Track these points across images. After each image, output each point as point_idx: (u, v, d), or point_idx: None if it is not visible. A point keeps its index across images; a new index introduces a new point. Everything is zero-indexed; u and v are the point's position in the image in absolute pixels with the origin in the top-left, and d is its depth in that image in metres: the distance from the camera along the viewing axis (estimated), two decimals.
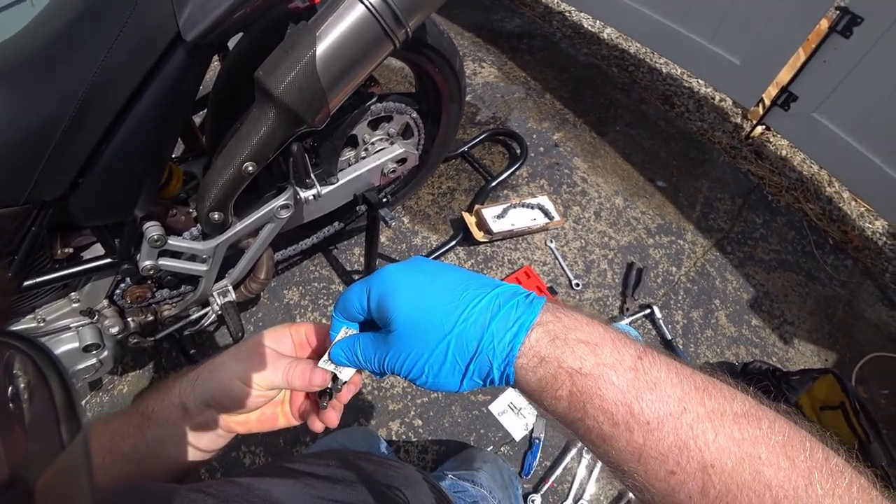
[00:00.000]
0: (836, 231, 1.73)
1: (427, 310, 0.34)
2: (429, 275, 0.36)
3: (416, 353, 0.34)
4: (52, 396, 0.20)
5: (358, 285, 0.38)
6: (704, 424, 0.28)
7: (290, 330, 0.44)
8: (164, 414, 0.42)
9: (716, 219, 1.72)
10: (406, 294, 0.35)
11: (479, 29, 2.20)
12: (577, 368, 0.31)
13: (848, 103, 1.55)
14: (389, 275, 0.37)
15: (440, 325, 0.33)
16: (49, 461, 0.18)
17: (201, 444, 0.43)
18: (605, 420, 0.30)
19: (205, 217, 0.86)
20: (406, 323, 0.34)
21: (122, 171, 0.76)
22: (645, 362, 0.30)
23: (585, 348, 0.31)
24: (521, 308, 0.33)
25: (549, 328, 0.32)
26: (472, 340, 0.33)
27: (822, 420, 1.26)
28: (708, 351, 1.44)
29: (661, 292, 1.53)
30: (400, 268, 0.37)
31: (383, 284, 0.36)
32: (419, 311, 0.34)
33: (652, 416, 0.29)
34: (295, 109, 0.77)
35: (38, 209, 0.75)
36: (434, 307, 0.34)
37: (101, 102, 0.69)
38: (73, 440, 0.19)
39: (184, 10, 0.67)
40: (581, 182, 1.74)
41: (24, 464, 0.18)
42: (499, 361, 0.32)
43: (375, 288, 0.37)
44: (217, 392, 0.41)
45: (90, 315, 0.93)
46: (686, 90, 2.11)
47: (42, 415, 0.20)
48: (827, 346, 1.50)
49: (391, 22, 0.77)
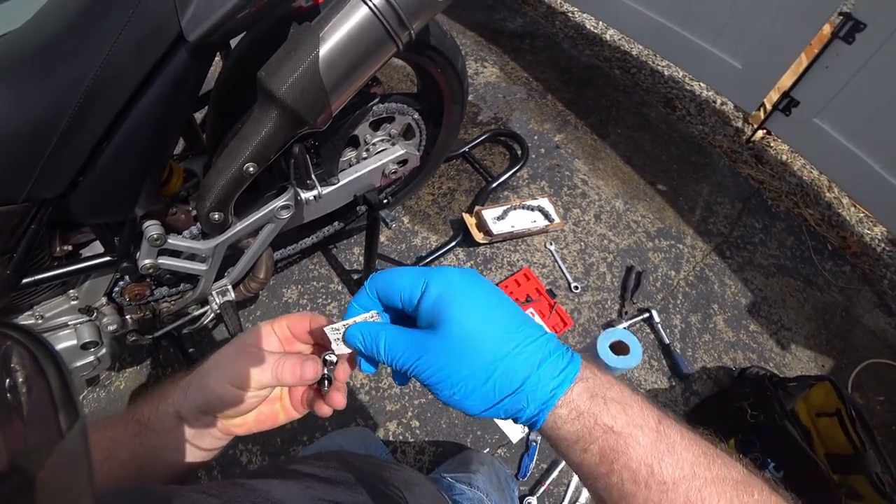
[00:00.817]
0: (835, 237, 1.74)
1: (486, 326, 0.34)
2: (495, 296, 0.36)
3: (457, 366, 0.33)
4: (50, 387, 0.20)
5: (412, 274, 0.37)
6: (710, 488, 0.30)
7: (273, 326, 0.44)
8: (159, 422, 0.42)
9: (715, 223, 1.72)
10: (472, 305, 0.34)
11: (482, 28, 2.20)
12: (611, 426, 0.32)
13: (849, 109, 1.55)
14: (456, 278, 0.36)
15: (495, 348, 0.33)
16: (48, 451, 0.18)
17: (201, 447, 0.43)
18: (629, 478, 0.31)
19: (205, 217, 0.86)
20: (462, 332, 0.33)
21: (123, 170, 0.76)
22: (664, 425, 0.33)
23: (618, 407, 0.33)
24: (567, 359, 0.34)
25: (589, 384, 0.34)
26: (518, 376, 0.33)
27: (817, 426, 1.26)
28: (705, 355, 1.45)
29: (660, 296, 1.53)
30: (467, 277, 0.36)
31: (448, 285, 0.35)
32: (478, 324, 0.34)
33: (669, 478, 0.31)
34: (297, 111, 0.77)
35: (37, 207, 0.74)
36: (493, 326, 0.34)
37: (102, 101, 0.68)
38: (71, 430, 0.19)
39: (186, 10, 0.66)
40: (581, 184, 1.74)
41: (23, 454, 0.18)
42: (536, 404, 0.33)
43: (436, 285, 0.35)
44: (209, 399, 0.40)
45: (89, 312, 0.93)
46: (688, 93, 2.11)
47: (40, 405, 0.20)
48: (824, 351, 1.50)
49: (395, 24, 0.76)
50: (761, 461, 1.19)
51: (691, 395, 1.38)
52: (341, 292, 1.43)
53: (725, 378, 1.42)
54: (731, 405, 1.29)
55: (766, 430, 1.20)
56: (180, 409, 0.41)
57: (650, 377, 1.39)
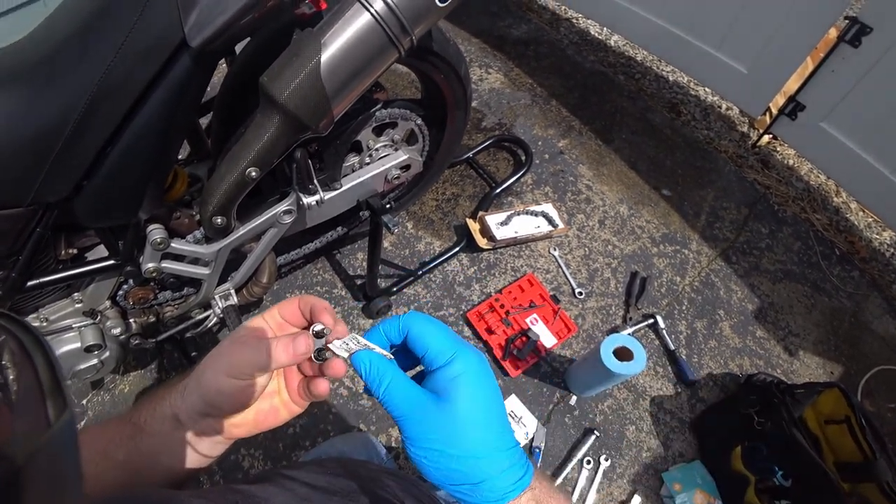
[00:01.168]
0: (843, 242, 1.72)
1: (482, 430, 0.37)
2: (497, 398, 0.40)
3: (438, 439, 0.37)
4: (38, 376, 0.20)
5: (446, 339, 0.40)
6: None
7: (264, 316, 0.44)
8: (156, 426, 0.42)
9: (721, 228, 1.70)
10: (481, 402, 0.38)
11: (486, 35, 2.21)
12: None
13: (856, 113, 1.53)
14: (480, 369, 0.39)
15: (476, 446, 0.37)
16: (35, 440, 0.18)
17: (198, 452, 0.43)
18: None
19: (208, 221, 0.87)
20: (459, 416, 0.37)
21: (127, 175, 0.77)
22: None
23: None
24: (521, 471, 0.38)
25: (536, 493, 0.38)
26: (482, 474, 0.36)
27: (826, 434, 1.24)
28: (711, 362, 1.43)
29: (665, 302, 1.52)
30: (486, 370, 0.40)
31: (470, 372, 0.38)
32: (479, 425, 0.37)
33: None
34: (299, 116, 0.77)
35: (42, 210, 0.75)
36: (485, 431, 0.38)
37: (106, 106, 0.69)
38: (59, 419, 0.19)
39: (190, 17, 0.67)
40: (586, 190, 1.73)
41: (9, 442, 0.18)
42: (486, 502, 0.37)
43: (461, 365, 0.39)
44: (207, 395, 0.40)
45: (92, 316, 0.94)
46: (692, 98, 2.10)
47: (28, 394, 0.20)
48: (833, 358, 1.48)
49: (396, 30, 0.77)
50: (769, 469, 1.17)
51: (697, 401, 1.36)
52: (344, 297, 1.43)
53: (732, 384, 1.40)
54: (737, 412, 1.27)
55: (774, 437, 1.18)
56: (178, 412, 0.41)
57: (655, 384, 1.38)
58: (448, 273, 1.49)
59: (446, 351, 0.39)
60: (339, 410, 1.26)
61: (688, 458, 1.28)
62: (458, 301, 1.45)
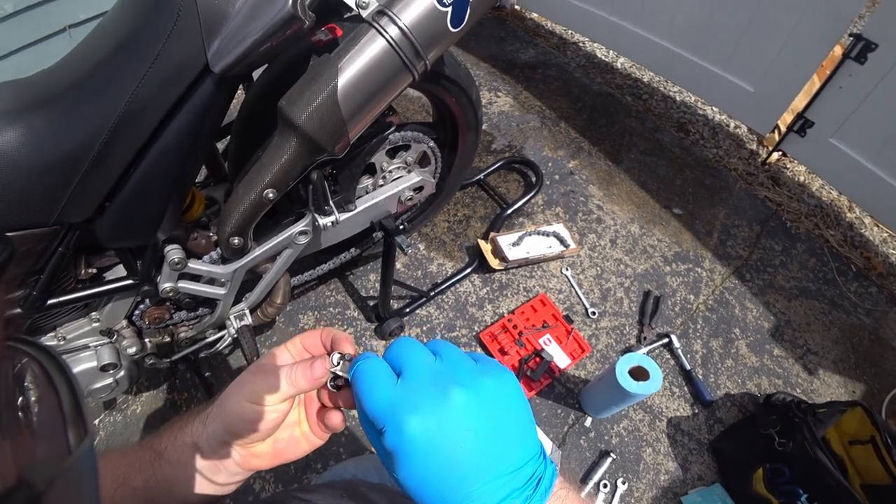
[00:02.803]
0: (859, 257, 1.70)
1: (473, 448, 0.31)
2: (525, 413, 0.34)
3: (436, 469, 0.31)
4: (60, 402, 0.21)
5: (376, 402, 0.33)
6: None
7: (287, 346, 0.44)
8: (175, 453, 0.42)
9: (734, 246, 1.69)
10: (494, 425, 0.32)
11: (495, 60, 2.26)
12: None
13: (866, 128, 1.54)
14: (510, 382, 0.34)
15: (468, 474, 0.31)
16: (56, 466, 0.18)
17: (215, 482, 0.43)
18: None
19: (225, 241, 0.88)
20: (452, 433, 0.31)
21: (148, 196, 0.79)
22: None
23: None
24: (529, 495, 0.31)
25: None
26: None
27: (851, 455, 1.20)
28: (728, 381, 1.40)
29: (679, 321, 1.50)
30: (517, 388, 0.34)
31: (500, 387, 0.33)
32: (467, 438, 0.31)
33: None
34: (316, 139, 0.79)
35: (65, 230, 0.77)
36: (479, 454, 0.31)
37: (130, 130, 0.72)
38: (79, 446, 0.19)
39: (212, 44, 0.70)
40: (597, 210, 1.74)
41: (31, 468, 0.18)
42: None
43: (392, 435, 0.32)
44: (229, 422, 0.40)
45: (109, 335, 0.95)
46: (700, 117, 2.12)
47: (50, 420, 0.20)
48: (853, 376, 1.45)
49: (411, 55, 0.79)
50: (792, 492, 1.13)
51: (715, 422, 1.33)
52: (357, 318, 1.44)
53: (750, 404, 1.37)
54: (758, 433, 1.24)
55: (797, 458, 1.15)
56: (198, 441, 0.41)
57: (672, 404, 1.35)
58: (460, 294, 1.49)
59: (377, 419, 0.33)
60: (351, 432, 1.25)
61: (707, 482, 1.24)
62: (471, 322, 1.44)
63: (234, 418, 0.40)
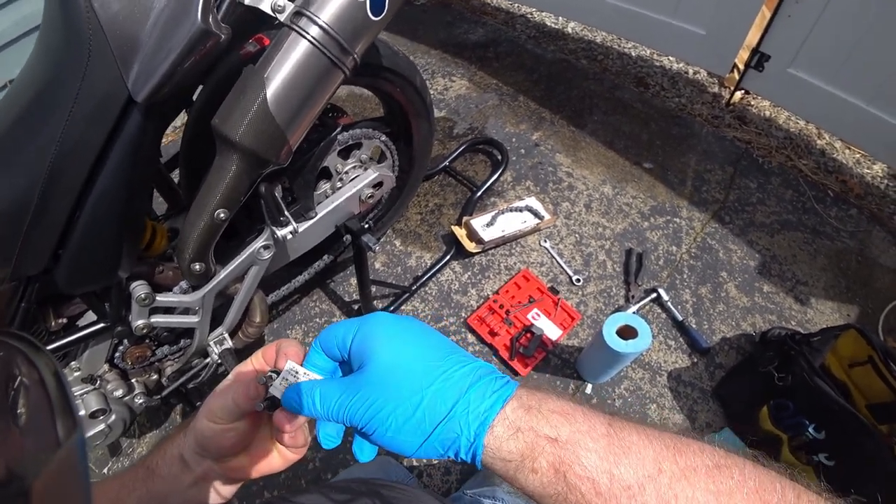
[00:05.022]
0: (835, 182, 1.69)
1: (410, 358, 0.34)
2: (420, 330, 0.36)
3: (383, 400, 0.33)
4: (49, 395, 0.21)
5: (347, 323, 0.38)
6: (681, 482, 0.29)
7: (252, 360, 0.44)
8: (166, 467, 0.42)
9: (709, 191, 1.69)
10: (392, 338, 0.35)
11: (445, 45, 2.24)
12: (554, 437, 0.31)
13: (821, 53, 1.53)
14: (381, 318, 0.37)
15: (419, 377, 0.33)
16: (45, 459, 0.18)
17: (205, 495, 0.43)
18: (590, 490, 0.29)
19: (187, 269, 0.87)
20: (384, 365, 0.34)
21: (98, 238, 0.78)
22: (615, 427, 0.32)
23: (560, 418, 0.32)
24: (500, 383, 0.34)
25: (524, 400, 0.33)
26: (446, 402, 0.32)
27: (852, 378, 1.21)
28: (723, 325, 1.40)
29: (665, 274, 1.50)
30: (394, 316, 0.37)
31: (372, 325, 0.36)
32: (401, 357, 0.34)
33: (633, 481, 0.29)
34: (256, 151, 0.78)
35: (24, 285, 0.77)
36: (417, 358, 0.34)
37: (66, 176, 0.71)
38: (69, 438, 0.19)
39: (130, 72, 0.68)
40: (566, 177, 1.73)
41: (20, 462, 0.18)
42: (470, 429, 0.32)
43: (364, 327, 0.36)
44: (197, 438, 0.41)
45: (92, 381, 0.95)
46: (658, 69, 2.11)
47: (38, 414, 0.20)
48: (846, 300, 1.45)
49: (337, 52, 0.78)
50: (799, 424, 1.13)
51: (715, 368, 1.34)
52: None
53: (748, 345, 1.37)
54: (756, 371, 1.24)
55: (798, 390, 1.15)
56: (183, 452, 0.42)
57: (669, 357, 1.35)
58: (443, 283, 1.49)
59: (349, 331, 0.37)
60: None
61: (716, 428, 1.25)
62: (458, 309, 1.44)
63: (198, 435, 0.41)
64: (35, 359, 0.22)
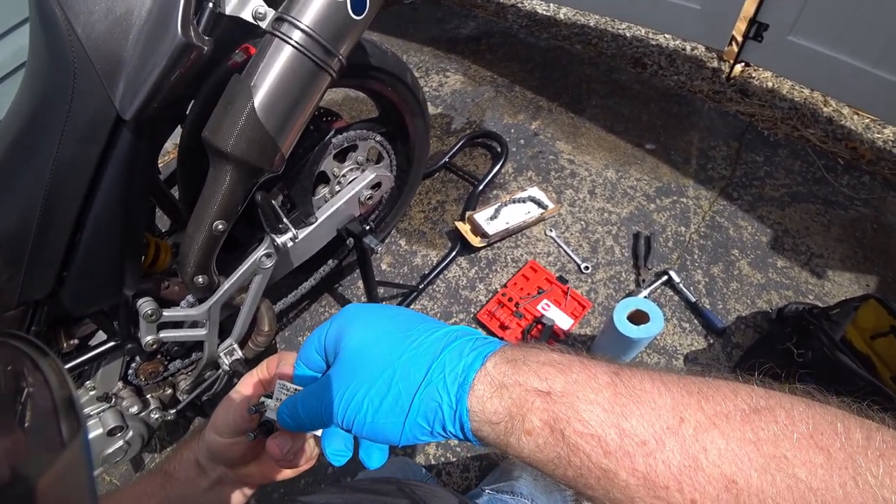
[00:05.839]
0: (845, 150, 1.65)
1: (376, 336, 0.32)
2: (387, 310, 0.34)
3: (356, 385, 0.30)
4: (53, 396, 0.21)
5: (322, 324, 0.36)
6: (710, 432, 0.23)
7: (256, 372, 0.44)
8: (183, 472, 0.43)
9: (714, 168, 1.66)
10: (357, 324, 0.33)
11: (437, 41, 2.22)
12: (545, 391, 0.26)
13: (821, 18, 1.49)
14: (348, 309, 0.35)
15: (388, 351, 0.31)
16: (50, 460, 0.18)
17: (222, 500, 0.43)
18: (595, 449, 0.25)
19: (190, 282, 0.88)
20: (352, 351, 0.32)
21: (101, 258, 0.79)
22: (622, 376, 0.26)
23: (551, 369, 0.27)
24: (480, 342, 0.30)
25: (508, 354, 0.29)
26: (420, 368, 0.29)
27: (876, 350, 1.17)
28: (738, 304, 1.38)
29: (675, 255, 1.47)
30: (362, 305, 0.35)
31: (340, 318, 0.35)
32: (367, 338, 0.32)
33: (649, 435, 0.24)
34: (248, 160, 0.78)
35: (32, 309, 0.78)
36: (385, 333, 0.32)
37: (63, 198, 0.71)
38: (73, 439, 0.19)
39: (117, 91, 0.69)
40: (568, 164, 1.71)
41: (24, 463, 0.18)
42: (449, 397, 0.28)
43: (334, 323, 0.35)
44: (207, 447, 0.41)
45: (107, 399, 0.96)
46: (655, 48, 2.07)
47: (42, 415, 0.20)
48: (864, 270, 1.41)
49: (322, 55, 0.78)
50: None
51: (733, 348, 1.31)
52: None
53: (765, 322, 1.34)
54: (775, 349, 1.22)
55: (818, 365, 1.12)
56: (199, 457, 0.42)
57: (685, 340, 1.33)
58: (450, 280, 1.48)
59: (323, 328, 0.36)
60: None
61: None
62: (467, 305, 1.43)
63: (206, 446, 0.41)
64: (39, 360, 0.22)
